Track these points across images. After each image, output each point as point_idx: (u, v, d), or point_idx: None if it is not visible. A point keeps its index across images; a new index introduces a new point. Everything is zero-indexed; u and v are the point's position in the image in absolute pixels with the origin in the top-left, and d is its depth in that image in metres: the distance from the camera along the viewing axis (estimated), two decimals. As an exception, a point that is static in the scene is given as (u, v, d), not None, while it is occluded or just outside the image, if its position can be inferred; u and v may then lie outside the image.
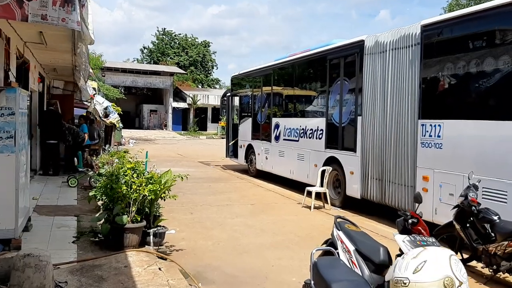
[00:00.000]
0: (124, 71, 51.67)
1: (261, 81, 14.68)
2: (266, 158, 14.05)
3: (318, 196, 10.15)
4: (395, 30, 8.68)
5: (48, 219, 7.15)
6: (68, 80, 17.99)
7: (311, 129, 11.39)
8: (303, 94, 12.36)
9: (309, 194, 10.03)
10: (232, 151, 17.26)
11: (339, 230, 4.75)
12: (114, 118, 15.65)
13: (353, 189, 9.67)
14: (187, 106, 52.46)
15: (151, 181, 5.80)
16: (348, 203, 10.08)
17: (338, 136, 10.28)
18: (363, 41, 9.41)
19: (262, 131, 14.54)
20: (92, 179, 9.51)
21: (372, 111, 9.01)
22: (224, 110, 18.43)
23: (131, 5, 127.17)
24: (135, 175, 5.79)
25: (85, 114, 15.07)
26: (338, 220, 4.99)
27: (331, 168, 10.14)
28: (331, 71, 10.72)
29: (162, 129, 52.18)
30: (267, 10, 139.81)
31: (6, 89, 5.07)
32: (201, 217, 9.03)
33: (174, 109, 52.83)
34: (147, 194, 5.61)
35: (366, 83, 9.21)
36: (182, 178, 6.27)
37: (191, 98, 51.16)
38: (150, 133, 44.70)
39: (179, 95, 53.98)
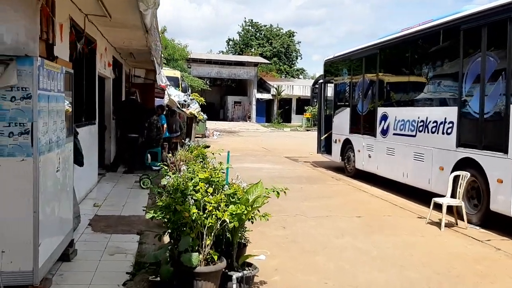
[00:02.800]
0: (209, 62, 51.26)
1: (363, 63, 12.31)
2: (369, 156, 11.72)
3: (448, 209, 7.71)
4: None
5: (102, 239, 5.51)
6: (150, 68, 16.90)
7: (435, 121, 8.91)
8: (423, 77, 9.81)
9: (437, 206, 7.65)
10: (325, 146, 15.05)
11: None
12: (194, 108, 14.06)
13: (502, 203, 7.12)
14: (271, 97, 50.84)
15: (233, 199, 3.87)
16: (490, 220, 7.55)
17: (478, 131, 7.72)
18: (520, 0, 6.80)
19: (363, 124, 12.21)
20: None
21: (539, 97, 6.42)
22: (315, 100, 16.20)
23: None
24: (210, 190, 3.89)
25: (163, 105, 13.61)
26: None
27: (468, 174, 7.62)
28: (466, 46, 8.16)
29: (246, 121, 51.10)
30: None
31: (16, 59, 3.38)
32: (297, 233, 7.04)
33: (258, 100, 51.50)
34: (227, 220, 3.69)
35: (527, 58, 6.62)
36: (278, 193, 4.28)
37: (275, 88, 49.39)
38: (234, 125, 43.64)
39: (263, 86, 52.55)
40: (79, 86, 7.64)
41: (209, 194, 3.83)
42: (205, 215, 3.69)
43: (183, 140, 12.82)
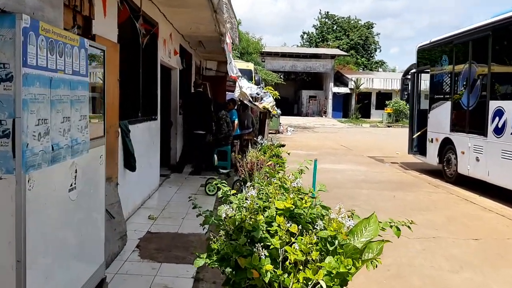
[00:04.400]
0: (284, 55, 49.81)
1: (469, 48, 10.27)
2: (477, 160, 9.71)
3: None
4: None
5: (148, 272, 4.26)
6: (221, 60, 15.87)
7: None
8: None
9: None
10: (417, 146, 13.10)
11: None
12: (268, 102, 12.68)
13: None
14: (348, 91, 48.35)
15: (331, 246, 2.40)
16: None
17: None
18: None
19: (469, 120, 10.19)
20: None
21: None
22: (406, 92, 14.22)
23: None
24: (294, 229, 2.42)
25: (235, 99, 12.38)
26: None
27: None
28: None
29: (321, 116, 49.11)
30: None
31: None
32: (400, 262, 5.43)
33: (334, 94, 49.23)
34: (324, 285, 2.23)
35: None
36: (398, 230, 2.77)
37: (354, 82, 46.84)
38: (309, 120, 41.92)
39: (340, 80, 50.17)
40: (136, 75, 6.55)
41: (292, 236, 2.38)
42: (286, 274, 2.26)
43: (255, 138, 11.54)
